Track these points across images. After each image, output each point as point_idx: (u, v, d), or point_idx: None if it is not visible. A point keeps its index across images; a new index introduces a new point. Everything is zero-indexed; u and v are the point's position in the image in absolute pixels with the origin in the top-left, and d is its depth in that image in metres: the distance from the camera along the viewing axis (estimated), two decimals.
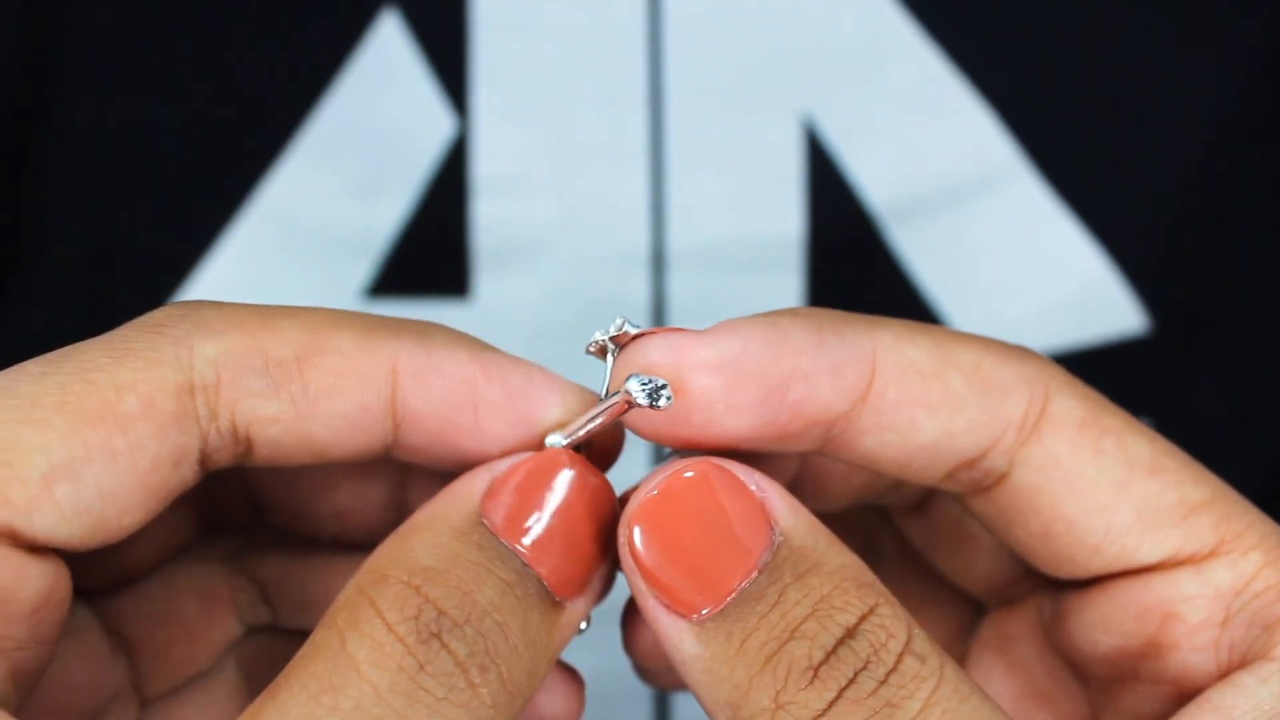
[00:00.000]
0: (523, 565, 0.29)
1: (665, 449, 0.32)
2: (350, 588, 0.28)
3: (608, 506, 0.30)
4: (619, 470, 0.32)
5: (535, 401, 0.31)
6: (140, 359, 0.29)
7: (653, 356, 0.30)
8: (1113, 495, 0.31)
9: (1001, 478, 0.31)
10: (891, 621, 0.28)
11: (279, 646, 0.36)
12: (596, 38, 0.49)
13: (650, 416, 0.30)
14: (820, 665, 0.27)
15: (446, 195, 0.50)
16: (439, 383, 0.30)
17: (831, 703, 0.27)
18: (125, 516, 0.29)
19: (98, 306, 0.50)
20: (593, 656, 0.36)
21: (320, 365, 0.30)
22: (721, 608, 0.28)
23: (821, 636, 0.27)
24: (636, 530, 0.29)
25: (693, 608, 0.28)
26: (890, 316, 0.31)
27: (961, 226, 0.51)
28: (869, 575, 0.28)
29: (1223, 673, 0.31)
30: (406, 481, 0.35)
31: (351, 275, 0.50)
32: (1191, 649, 0.31)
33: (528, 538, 0.29)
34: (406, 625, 0.27)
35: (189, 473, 0.30)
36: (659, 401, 0.29)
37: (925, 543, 0.37)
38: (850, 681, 0.27)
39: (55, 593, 0.29)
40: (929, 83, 0.50)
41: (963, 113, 0.50)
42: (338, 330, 0.30)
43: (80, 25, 0.48)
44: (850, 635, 0.27)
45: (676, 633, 0.28)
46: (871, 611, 0.28)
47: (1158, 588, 0.31)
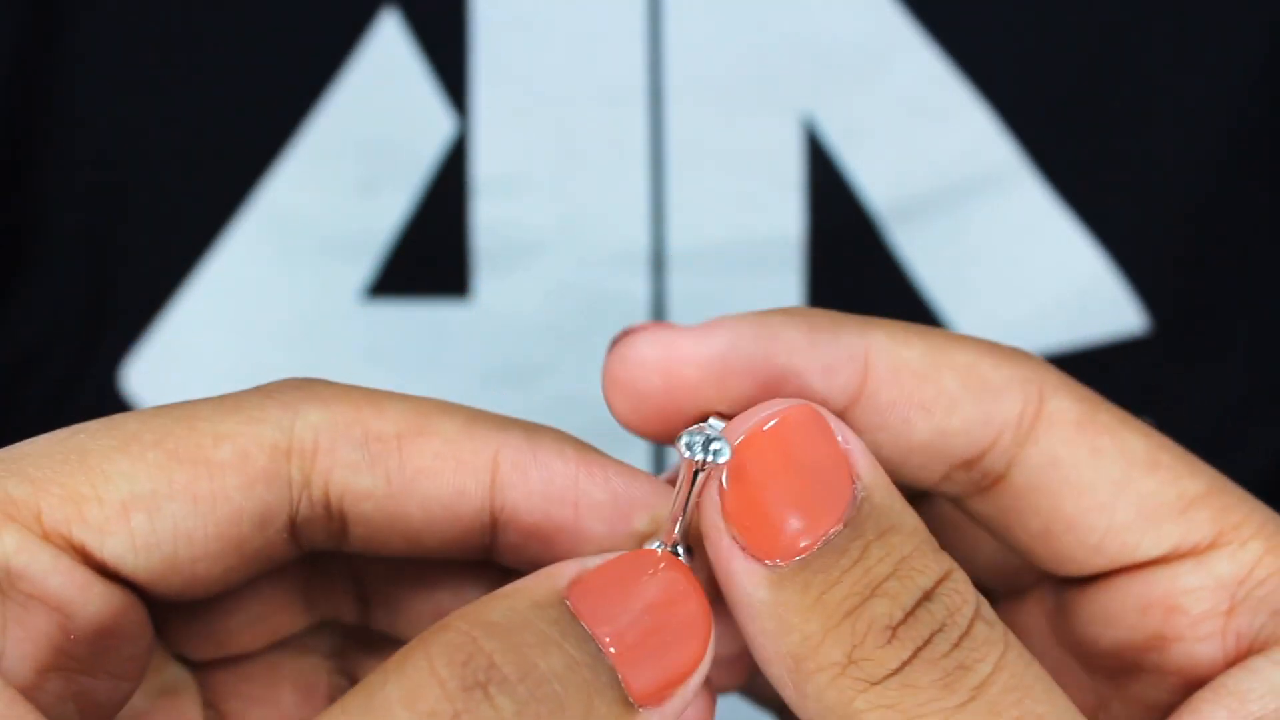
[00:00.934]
0: (598, 651, 0.26)
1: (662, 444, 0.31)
2: (416, 639, 0.27)
3: (704, 624, 0.28)
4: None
5: (639, 505, 0.30)
6: (244, 415, 0.29)
7: (642, 351, 0.29)
8: (1111, 493, 0.31)
9: (999, 479, 0.31)
10: (964, 587, 0.28)
11: None
12: (596, 38, 0.49)
13: (639, 409, 0.29)
14: (899, 625, 0.27)
15: (446, 195, 0.50)
16: (540, 475, 0.30)
17: (906, 662, 0.27)
18: (199, 564, 0.29)
19: (98, 307, 0.50)
20: None
21: (420, 445, 0.29)
22: (803, 557, 0.27)
23: (902, 596, 0.27)
24: (728, 464, 0.28)
25: (772, 553, 0.27)
26: (889, 317, 0.31)
27: (961, 226, 0.51)
28: (936, 542, 0.28)
29: (1231, 660, 0.31)
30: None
31: (351, 275, 0.50)
32: (1196, 639, 0.31)
33: (610, 626, 0.27)
34: (451, 669, 0.26)
35: (276, 537, 0.29)
36: (719, 457, 0.28)
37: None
38: (926, 642, 0.27)
39: (125, 624, 0.29)
40: (929, 83, 0.50)
41: (963, 113, 0.50)
42: (443, 416, 0.30)
43: (80, 25, 0.48)
44: (927, 598, 0.27)
45: (749, 577, 0.28)
46: (946, 577, 0.28)
47: (1160, 582, 0.31)
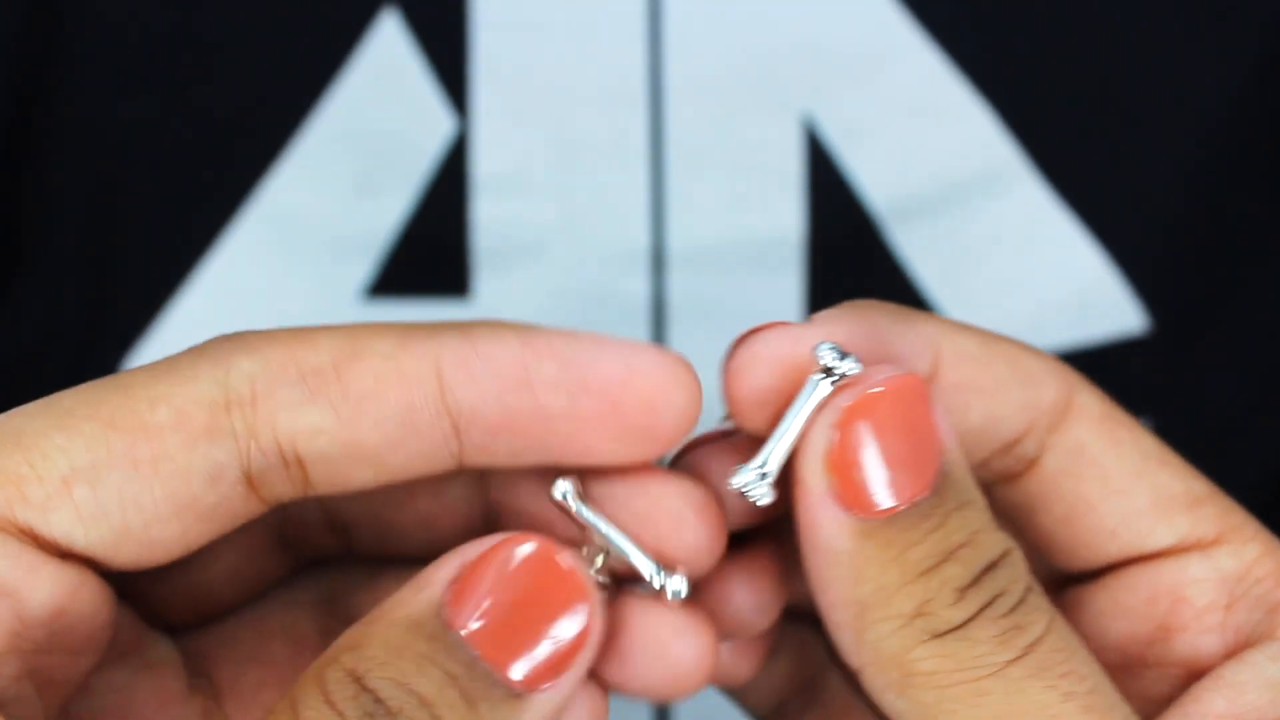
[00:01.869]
0: (475, 657, 0.28)
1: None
2: (310, 668, 0.28)
3: (580, 597, 0.29)
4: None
5: (590, 365, 0.29)
6: (177, 375, 0.29)
7: (771, 346, 0.31)
8: (1130, 481, 0.33)
9: (1031, 463, 0.33)
10: (1021, 564, 0.30)
11: None
12: (596, 38, 0.49)
13: (763, 402, 0.30)
14: (968, 588, 0.29)
15: (446, 195, 0.50)
16: (485, 367, 0.29)
17: (968, 620, 0.29)
18: (153, 528, 0.29)
19: (98, 307, 0.50)
20: None
21: (358, 369, 0.29)
22: (893, 515, 0.29)
23: (973, 563, 0.29)
24: (843, 416, 0.29)
25: (865, 508, 0.29)
26: None
27: (961, 226, 0.51)
28: (996, 522, 0.30)
29: (1229, 653, 0.32)
30: (489, 481, 0.34)
31: (351, 275, 0.50)
32: (1200, 631, 0.32)
33: (472, 624, 0.28)
34: (349, 703, 0.27)
35: (231, 492, 0.29)
36: (852, 370, 0.30)
37: None
38: (988, 604, 0.29)
39: (80, 601, 0.29)
40: (929, 83, 0.50)
41: (963, 113, 0.50)
42: (375, 336, 0.30)
43: (80, 25, 0.48)
44: (992, 567, 0.29)
45: (836, 525, 0.29)
46: (1006, 554, 0.30)
47: (1168, 572, 0.33)
